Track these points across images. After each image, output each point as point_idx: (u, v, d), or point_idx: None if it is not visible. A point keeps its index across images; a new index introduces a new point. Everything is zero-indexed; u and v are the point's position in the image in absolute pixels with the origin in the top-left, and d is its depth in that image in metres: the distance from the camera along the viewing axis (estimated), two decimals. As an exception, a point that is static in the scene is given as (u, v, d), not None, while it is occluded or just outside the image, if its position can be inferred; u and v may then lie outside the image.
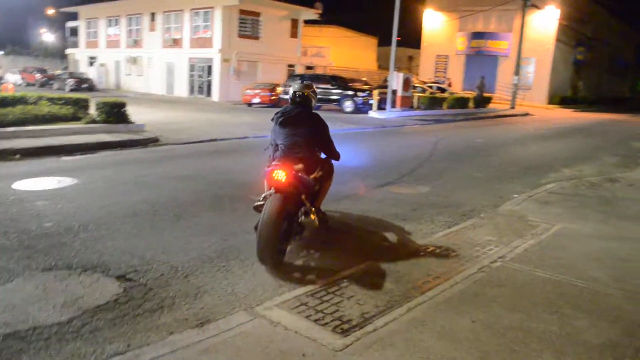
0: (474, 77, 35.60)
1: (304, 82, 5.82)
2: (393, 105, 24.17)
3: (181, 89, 35.99)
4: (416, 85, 29.61)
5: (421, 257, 5.29)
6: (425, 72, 45.45)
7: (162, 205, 6.94)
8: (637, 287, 4.75)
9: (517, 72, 33.91)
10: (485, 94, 32.96)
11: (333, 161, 5.87)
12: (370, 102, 24.61)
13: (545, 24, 39.00)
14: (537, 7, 36.50)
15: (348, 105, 24.96)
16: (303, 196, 5.16)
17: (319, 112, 5.70)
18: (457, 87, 40.19)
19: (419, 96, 26.86)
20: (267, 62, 35.20)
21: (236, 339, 3.54)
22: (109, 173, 9.07)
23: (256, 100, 28.22)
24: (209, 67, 33.95)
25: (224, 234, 5.83)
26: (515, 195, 8.43)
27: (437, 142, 14.75)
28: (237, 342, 3.50)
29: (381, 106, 24.40)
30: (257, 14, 34.69)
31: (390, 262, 5.09)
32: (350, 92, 25.21)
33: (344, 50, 46.07)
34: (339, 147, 5.82)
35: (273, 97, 28.01)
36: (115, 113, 13.88)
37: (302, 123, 5.40)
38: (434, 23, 45.15)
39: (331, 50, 41.61)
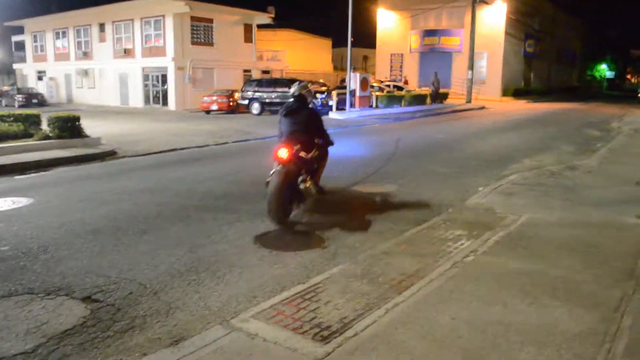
0: (429, 74, 36.01)
1: (301, 84, 7.36)
2: (352, 105, 24.24)
3: (136, 100, 35.25)
4: (373, 84, 29.78)
5: (395, 256, 5.24)
6: (381, 71, 45.78)
7: (124, 220, 6.71)
8: (608, 272, 4.82)
9: (470, 67, 34.50)
10: (442, 90, 33.41)
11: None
12: (330, 103, 24.61)
13: (494, 19, 39.83)
14: (486, 2, 37.23)
15: (307, 107, 24.89)
16: (303, 170, 6.59)
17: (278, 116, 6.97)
18: (414, 84, 40.59)
19: (377, 95, 27.02)
20: (222, 68, 34.82)
21: (213, 355, 3.40)
22: (66, 190, 8.74)
23: (214, 107, 27.84)
24: (164, 76, 33.35)
25: (192, 246, 5.65)
26: (480, 188, 8.51)
27: (398, 140, 14.81)
28: (214, 359, 3.36)
29: (340, 107, 24.44)
30: (210, 20, 34.26)
31: (364, 263, 5.03)
32: (308, 95, 25.12)
33: (300, 53, 46.03)
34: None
35: (231, 104, 27.70)
36: (69, 127, 13.43)
37: (300, 115, 6.95)
38: (387, 22, 45.54)
39: (286, 53, 41.48)
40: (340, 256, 5.33)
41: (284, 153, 6.37)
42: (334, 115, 23.54)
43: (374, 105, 26.32)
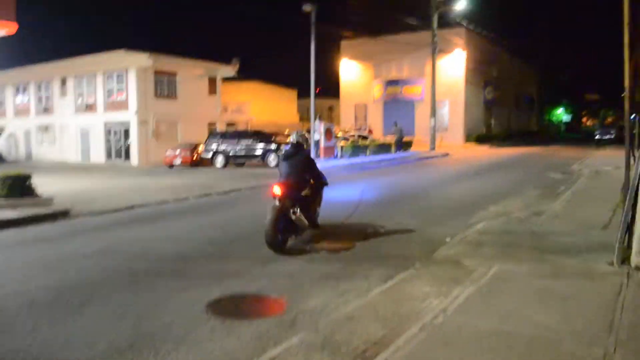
0: (392, 122, 36.51)
1: (299, 132, 8.79)
2: (317, 155, 24.10)
3: (98, 155, 34.50)
4: (338, 134, 29.86)
5: (359, 320, 4.83)
6: (346, 120, 46.20)
7: (66, 289, 6.14)
8: (586, 327, 4.53)
9: (433, 115, 35.03)
10: (406, 138, 33.72)
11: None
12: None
13: (454, 68, 40.91)
14: (445, 51, 38.29)
15: (272, 159, 24.62)
16: (297, 206, 7.92)
17: (243, 169, 6.74)
18: (378, 133, 40.99)
19: (342, 145, 27.03)
20: (186, 121, 34.48)
21: None
22: (8, 255, 8.10)
23: (177, 161, 27.38)
24: (126, 131, 32.81)
25: (137, 318, 5.13)
26: (447, 239, 8.22)
27: (363, 190, 14.50)
28: None
29: (305, 157, 24.26)
30: (174, 74, 34.16)
31: (325, 330, 4.60)
32: (273, 146, 24.96)
33: (265, 104, 46.16)
34: (260, 209, 8.47)
35: (195, 157, 27.30)
36: (19, 186, 12.75)
37: (295, 159, 8.29)
38: (351, 73, 46.32)
39: (251, 105, 41.54)
40: (300, 323, 4.90)
41: (277, 190, 7.85)
42: (299, 165, 23.30)
43: (338, 155, 26.28)
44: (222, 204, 13.45)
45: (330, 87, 50.33)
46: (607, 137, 44.15)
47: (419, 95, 42.75)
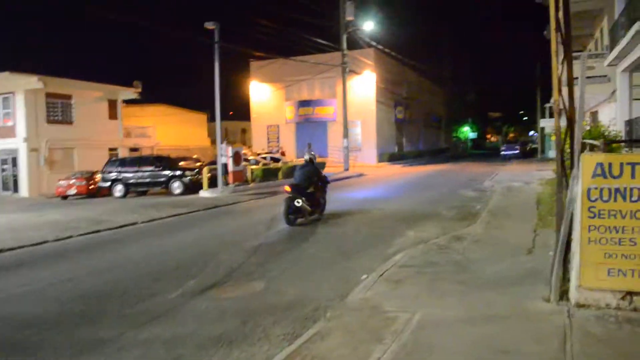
0: (306, 143, 35.80)
1: (308, 152, 13.63)
2: (225, 181, 22.63)
3: (-19, 187, 31.08)
4: (249, 157, 28.59)
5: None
6: (258, 143, 45.01)
7: None
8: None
9: (345, 135, 34.61)
10: (319, 159, 32.98)
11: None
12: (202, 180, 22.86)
13: (365, 88, 40.97)
14: (355, 72, 38.20)
15: (177, 186, 22.88)
16: (303, 198, 12.08)
17: (144, 198, 7.81)
18: (291, 155, 40.15)
19: (252, 169, 25.76)
20: (84, 147, 31.87)
21: None
22: None
23: (72, 191, 24.95)
24: (14, 159, 29.78)
25: None
26: (364, 277, 7.19)
27: (272, 219, 13.31)
28: None
29: (213, 184, 22.76)
30: (68, 97, 31.54)
31: None
32: (178, 172, 23.24)
33: (172, 128, 43.99)
34: (154, 248, 10.43)
35: (92, 187, 25.02)
36: None
37: (305, 168, 12.85)
38: (261, 94, 45.29)
39: (157, 129, 39.38)
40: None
41: (287, 188, 12.06)
42: (204, 193, 21.69)
43: (249, 179, 24.97)
44: (111, 242, 11.72)
45: (243, 109, 49.08)
46: (511, 152, 46.08)
47: (331, 115, 42.43)
